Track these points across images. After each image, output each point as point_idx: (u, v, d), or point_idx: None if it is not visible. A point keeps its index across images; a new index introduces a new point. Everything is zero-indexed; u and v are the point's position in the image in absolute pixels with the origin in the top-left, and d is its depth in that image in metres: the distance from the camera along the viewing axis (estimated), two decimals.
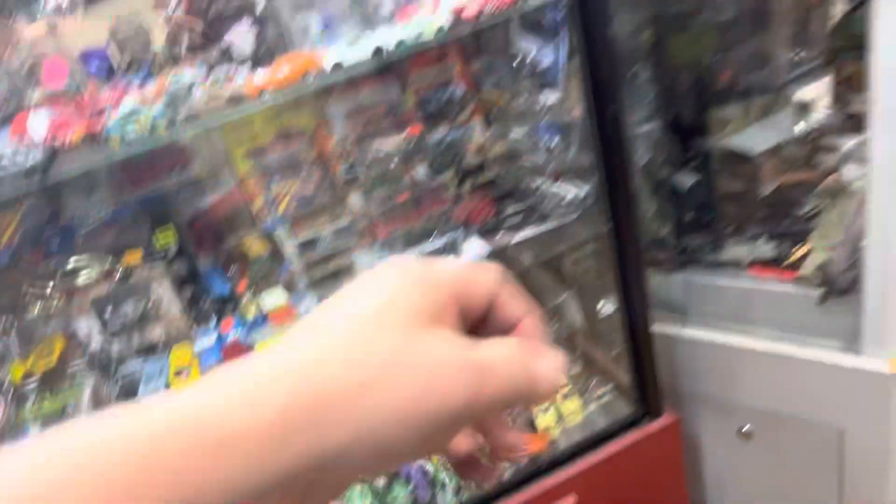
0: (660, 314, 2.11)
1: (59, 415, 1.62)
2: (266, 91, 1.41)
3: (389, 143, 2.05)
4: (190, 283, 1.86)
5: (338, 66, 1.45)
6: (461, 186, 2.02)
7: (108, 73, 1.71)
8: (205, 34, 1.67)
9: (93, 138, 1.38)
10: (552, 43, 1.69)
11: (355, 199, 2.07)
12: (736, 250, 2.02)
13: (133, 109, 1.37)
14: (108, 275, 1.84)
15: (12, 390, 1.64)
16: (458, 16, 1.51)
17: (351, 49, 1.46)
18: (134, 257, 1.84)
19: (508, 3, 1.52)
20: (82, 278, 1.83)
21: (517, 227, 1.83)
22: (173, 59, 1.74)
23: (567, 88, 1.69)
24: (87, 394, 1.59)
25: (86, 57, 1.71)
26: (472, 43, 2.09)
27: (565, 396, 2.04)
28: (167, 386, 1.60)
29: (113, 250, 1.85)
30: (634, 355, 1.89)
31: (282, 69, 1.43)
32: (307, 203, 2.04)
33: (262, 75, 1.45)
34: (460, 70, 2.14)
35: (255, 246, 1.99)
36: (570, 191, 1.80)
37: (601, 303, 2.06)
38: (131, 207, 1.90)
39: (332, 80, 1.46)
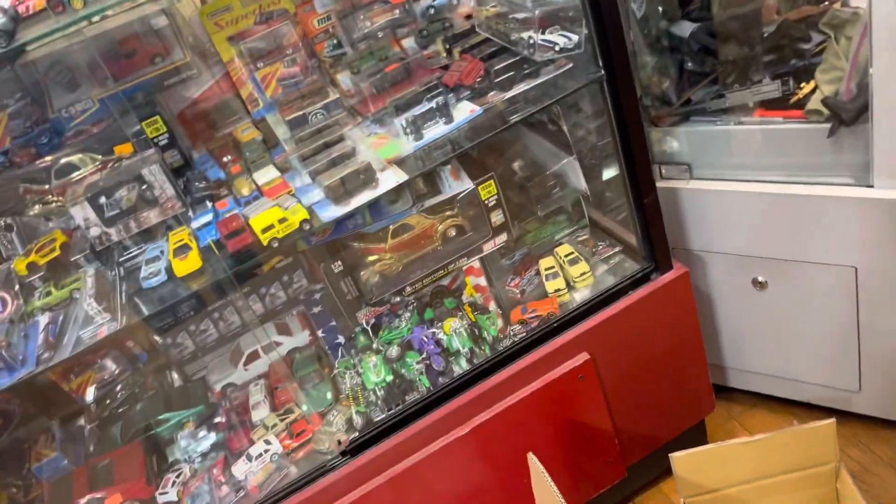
0: (666, 169, 2.06)
1: (67, 303, 1.64)
2: None
3: (375, 17, 1.98)
4: (183, 173, 1.84)
5: None
6: (451, 53, 1.96)
7: None
8: None
9: (57, 4, 1.34)
10: None
11: (343, 78, 2.02)
12: (740, 95, 1.94)
13: None
14: (100, 170, 1.83)
15: (18, 284, 1.66)
16: None
17: None
18: (125, 149, 1.82)
19: None
20: (76, 174, 1.82)
21: (508, 84, 1.77)
22: None
23: None
24: (89, 282, 1.60)
25: None
26: None
27: (573, 262, 2.02)
28: (169, 263, 1.60)
29: (102, 146, 1.83)
30: (638, 209, 1.86)
31: None
32: (294, 85, 1.99)
33: None
34: None
35: (247, 132, 1.96)
36: (561, 39, 1.73)
37: (602, 164, 2.01)
38: (118, 102, 1.87)
39: None
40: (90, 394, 2.11)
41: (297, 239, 1.61)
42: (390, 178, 1.65)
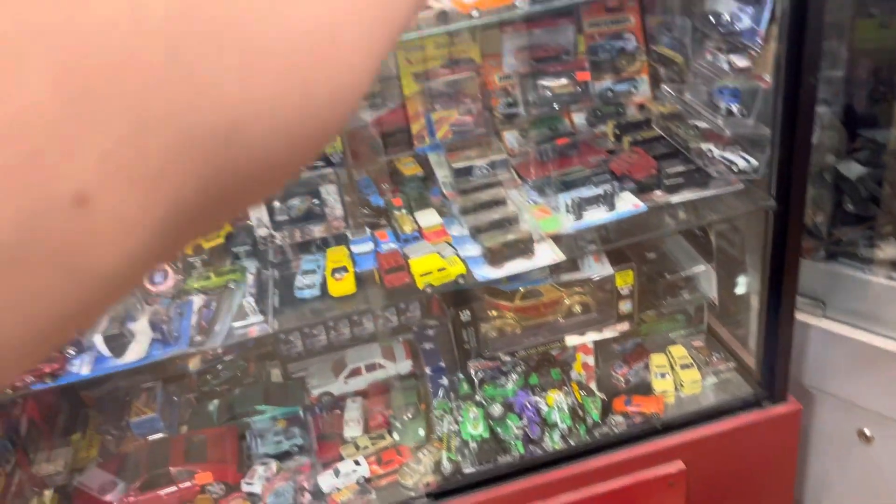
0: (800, 301, 2.06)
1: (221, 290, 1.73)
2: (475, 10, 1.43)
3: (554, 85, 2.05)
4: (347, 191, 1.93)
5: None
6: (620, 139, 2.01)
7: None
8: None
9: None
10: (753, 5, 1.63)
11: (510, 136, 2.09)
12: (891, 250, 1.94)
13: None
14: None
15: (182, 261, 1.76)
16: None
17: None
18: None
19: None
20: None
21: (676, 189, 1.81)
22: None
23: (761, 54, 1.64)
24: (250, 279, 1.69)
25: None
26: None
27: (685, 366, 2.04)
28: (324, 280, 1.68)
29: None
30: (769, 338, 1.87)
31: None
32: (465, 133, 2.07)
33: None
34: (636, 23, 2.10)
35: (409, 166, 2.04)
36: (740, 160, 1.76)
37: (739, 280, 2.03)
38: None
39: (536, 8, 1.47)
40: (195, 363, 2.22)
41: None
42: (547, 254, 1.70)
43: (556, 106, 2.04)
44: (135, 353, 1.56)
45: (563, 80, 2.02)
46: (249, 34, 0.24)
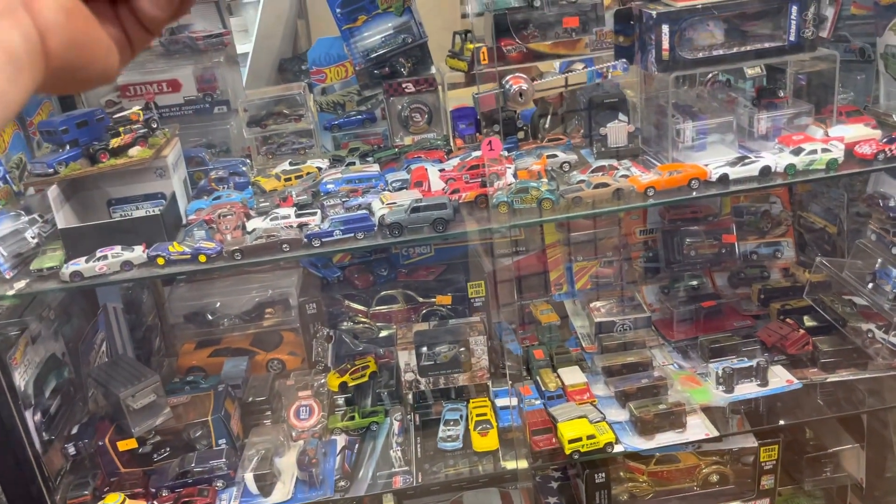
0: None
1: (363, 432, 1.74)
2: (651, 188, 1.46)
3: (701, 248, 2.04)
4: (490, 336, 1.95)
5: (724, 178, 1.47)
6: (767, 305, 1.96)
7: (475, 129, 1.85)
8: (579, 118, 1.77)
9: (482, 200, 1.50)
10: None
11: (649, 290, 2.08)
12: None
13: (523, 185, 1.48)
14: (414, 311, 1.99)
15: (327, 397, 1.79)
16: (852, 151, 1.49)
17: (739, 165, 1.48)
18: (445, 299, 1.96)
19: None
20: (396, 306, 1.98)
21: (833, 367, 1.74)
22: (534, 134, 1.86)
23: None
24: (395, 426, 1.70)
25: (457, 113, 1.87)
26: None
27: None
28: (467, 431, 1.67)
29: (426, 291, 1.99)
30: None
31: (669, 172, 1.48)
32: (605, 285, 2.08)
33: (645, 174, 1.50)
34: (783, 188, 2.10)
35: (546, 313, 2.05)
36: None
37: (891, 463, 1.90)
38: (444, 254, 2.04)
39: (712, 189, 1.49)
40: None
41: None
42: (698, 429, 1.65)
43: (698, 266, 2.02)
44: (280, 493, 1.57)
45: (709, 241, 2.02)
46: None
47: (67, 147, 1.46)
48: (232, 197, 1.61)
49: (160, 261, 1.42)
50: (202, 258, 1.42)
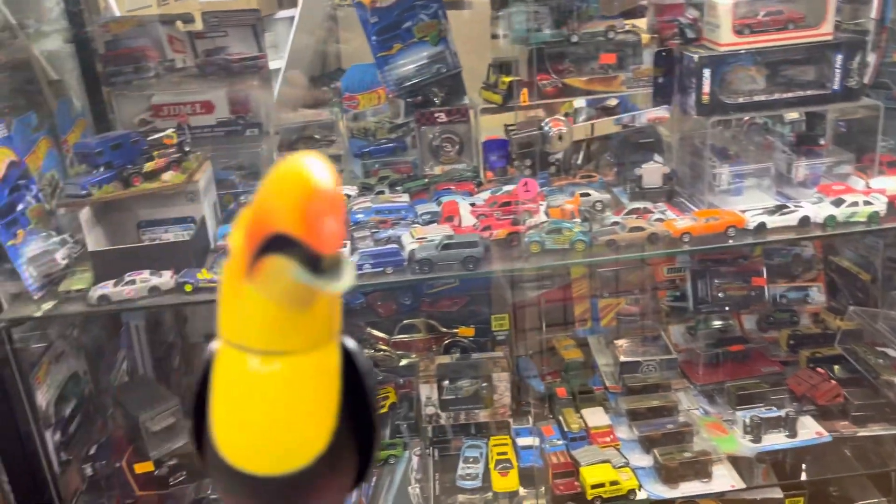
0: None
1: (381, 465, 1.72)
2: (686, 234, 1.44)
3: (730, 289, 2.00)
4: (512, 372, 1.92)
5: (761, 226, 1.45)
6: (796, 351, 1.92)
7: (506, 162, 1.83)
8: (614, 157, 1.75)
9: (514, 238, 1.48)
10: None
11: (676, 330, 2.05)
12: None
13: (556, 224, 1.46)
14: (436, 342, 1.97)
15: None
16: (893, 204, 1.46)
17: (778, 214, 1.45)
18: (468, 331, 1.94)
19: None
20: (417, 335, 1.96)
21: (864, 421, 1.70)
22: (566, 170, 1.84)
23: None
24: (415, 461, 1.67)
25: (489, 145, 1.85)
26: None
27: None
28: (487, 471, 1.65)
29: (448, 321, 1.97)
30: None
31: (706, 218, 1.45)
32: (630, 323, 2.05)
33: (681, 219, 1.48)
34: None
35: (569, 349, 2.02)
36: None
37: None
38: (468, 284, 2.01)
39: (748, 238, 1.46)
40: None
41: None
42: (724, 478, 1.61)
43: (726, 308, 1.99)
44: None
45: (738, 284, 1.98)
46: None
47: (101, 169, 1.46)
48: None
49: (188, 287, 1.41)
50: None
